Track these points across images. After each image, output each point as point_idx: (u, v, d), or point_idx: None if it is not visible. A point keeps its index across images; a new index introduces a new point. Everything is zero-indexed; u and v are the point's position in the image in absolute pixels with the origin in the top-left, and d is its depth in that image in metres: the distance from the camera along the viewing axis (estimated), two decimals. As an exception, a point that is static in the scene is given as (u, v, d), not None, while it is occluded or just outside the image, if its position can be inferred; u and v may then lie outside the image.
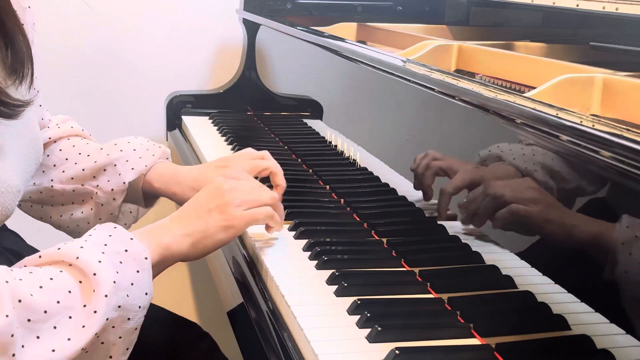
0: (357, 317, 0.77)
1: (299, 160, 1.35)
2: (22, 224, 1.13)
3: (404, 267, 0.91)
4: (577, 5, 1.03)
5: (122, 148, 1.09)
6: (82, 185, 1.07)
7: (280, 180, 1.08)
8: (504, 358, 0.70)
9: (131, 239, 0.79)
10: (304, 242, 0.97)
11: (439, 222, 0.97)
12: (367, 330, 0.74)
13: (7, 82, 0.85)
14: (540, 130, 0.73)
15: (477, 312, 0.78)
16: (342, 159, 1.30)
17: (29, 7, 0.98)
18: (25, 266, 0.75)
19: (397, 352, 0.69)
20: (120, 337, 0.75)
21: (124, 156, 1.08)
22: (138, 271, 0.77)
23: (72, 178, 1.07)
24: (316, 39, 1.35)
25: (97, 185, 1.07)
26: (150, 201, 1.13)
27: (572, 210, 0.73)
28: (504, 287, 0.82)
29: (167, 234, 0.84)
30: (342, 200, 1.14)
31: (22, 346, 0.68)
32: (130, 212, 1.14)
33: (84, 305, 0.72)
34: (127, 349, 0.77)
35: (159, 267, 0.83)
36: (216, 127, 1.63)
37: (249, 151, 1.12)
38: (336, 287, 0.84)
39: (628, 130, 0.64)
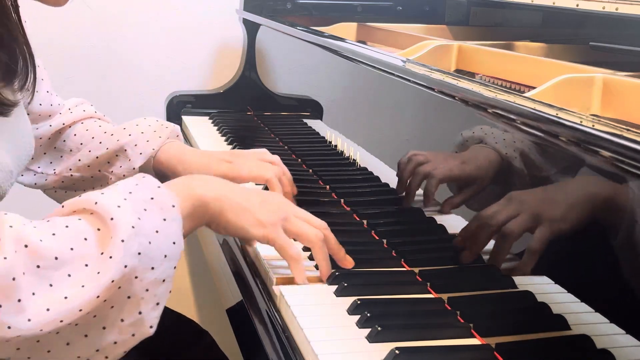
0: (357, 317, 0.77)
1: (299, 160, 1.35)
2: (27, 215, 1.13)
3: (404, 267, 0.91)
4: (577, 5, 1.03)
5: (130, 132, 1.10)
6: (99, 171, 1.11)
7: (286, 187, 1.07)
8: (504, 358, 0.70)
9: (159, 187, 0.76)
10: (304, 242, 0.97)
11: (438, 222, 0.97)
12: (367, 330, 0.74)
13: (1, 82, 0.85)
14: (540, 130, 0.73)
15: (477, 312, 0.78)
16: (342, 159, 1.30)
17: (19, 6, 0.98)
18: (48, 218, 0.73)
19: (397, 352, 0.69)
20: (147, 290, 0.71)
21: (133, 140, 1.09)
22: (165, 219, 0.73)
23: (89, 166, 1.11)
24: (316, 39, 1.35)
25: (112, 171, 1.10)
26: (164, 180, 1.14)
27: (571, 210, 0.73)
28: (504, 287, 0.82)
29: (205, 186, 0.81)
30: (342, 200, 1.14)
31: (33, 293, 0.66)
32: None
33: (101, 253, 0.69)
34: (158, 303, 0.73)
35: (193, 219, 0.80)
36: (216, 127, 1.63)
37: (262, 151, 1.11)
38: (336, 287, 0.84)
39: (628, 130, 0.64)
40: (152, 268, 0.71)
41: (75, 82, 1.93)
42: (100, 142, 1.11)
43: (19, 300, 0.65)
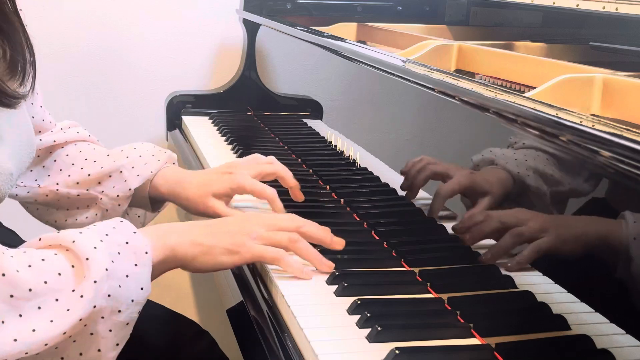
0: (357, 317, 0.77)
1: (299, 160, 1.35)
2: (17, 222, 1.13)
3: (404, 267, 0.91)
4: (577, 5, 1.03)
5: (128, 154, 1.09)
6: (87, 190, 1.08)
7: (289, 181, 1.09)
8: (504, 358, 0.70)
9: (134, 232, 0.78)
10: (304, 242, 0.97)
11: (439, 222, 0.97)
12: (367, 330, 0.74)
13: (6, 77, 0.86)
14: (540, 130, 0.73)
15: (477, 312, 0.78)
16: (342, 159, 1.30)
17: (21, 9, 0.99)
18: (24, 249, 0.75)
19: (397, 352, 0.69)
20: (110, 330, 0.74)
21: (130, 162, 1.08)
22: (136, 264, 0.76)
23: (78, 183, 1.08)
24: (316, 39, 1.35)
25: (102, 191, 1.08)
26: (157, 206, 1.14)
27: (571, 210, 0.73)
28: (504, 287, 0.82)
29: (176, 236, 0.84)
30: (342, 200, 1.14)
31: (2, 322, 0.68)
32: (138, 216, 1.15)
33: (73, 290, 0.71)
34: (117, 344, 0.75)
35: (161, 268, 0.83)
36: (216, 127, 1.63)
37: (255, 156, 1.12)
38: (336, 287, 0.84)
39: (628, 130, 0.64)
40: (119, 311, 0.74)
41: (76, 82, 1.93)
42: (95, 161, 1.09)
43: None
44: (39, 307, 0.69)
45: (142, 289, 0.76)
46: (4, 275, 0.68)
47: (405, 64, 1.06)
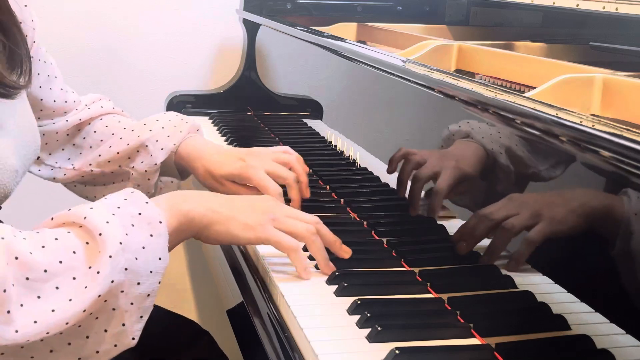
0: (357, 317, 0.77)
1: (299, 160, 1.35)
2: (18, 222, 1.13)
3: (404, 267, 0.91)
4: (577, 5, 1.03)
5: (151, 128, 1.12)
6: (120, 167, 1.12)
7: (293, 194, 1.05)
8: (504, 358, 0.70)
9: (146, 202, 0.77)
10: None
11: (438, 222, 0.97)
12: (367, 330, 0.74)
13: (6, 70, 0.87)
14: (540, 130, 0.73)
15: (477, 312, 0.78)
16: (342, 159, 1.30)
17: (26, 5, 0.99)
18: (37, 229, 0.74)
19: (397, 352, 0.69)
20: (132, 304, 0.73)
21: (154, 136, 1.10)
22: (151, 235, 0.75)
23: (109, 161, 1.12)
24: (316, 39, 1.35)
25: (133, 167, 1.11)
26: (185, 174, 1.16)
27: (571, 210, 0.73)
28: (504, 287, 0.82)
29: (191, 203, 0.83)
30: (342, 200, 1.14)
31: (21, 305, 0.67)
32: (172, 182, 1.17)
33: (89, 267, 0.70)
34: (142, 316, 0.74)
35: (178, 236, 0.81)
36: (216, 127, 1.63)
37: (280, 150, 1.10)
38: (336, 287, 0.84)
39: (628, 130, 0.64)
40: (138, 283, 0.73)
41: (76, 82, 1.92)
42: (121, 138, 1.12)
43: (8, 312, 0.66)
44: (57, 287, 0.69)
45: (160, 259, 0.75)
46: (17, 258, 0.67)
47: (405, 64, 1.06)
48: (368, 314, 0.76)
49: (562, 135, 0.70)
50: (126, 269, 0.72)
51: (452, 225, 0.95)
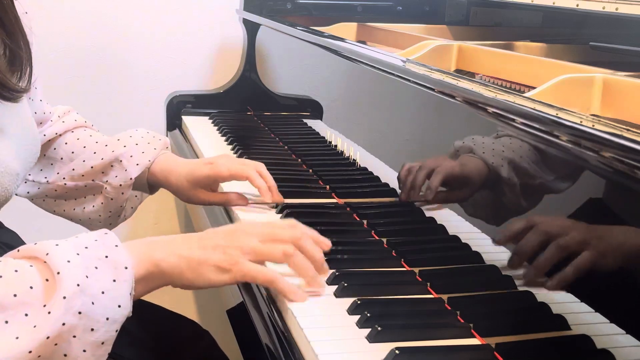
0: (357, 317, 0.77)
1: (299, 160, 1.35)
2: (19, 223, 1.13)
3: (404, 267, 0.91)
4: (577, 5, 1.03)
5: (125, 143, 1.13)
6: (93, 180, 1.13)
7: (268, 181, 1.09)
8: (504, 358, 0.70)
9: (116, 246, 0.74)
10: (304, 242, 0.97)
11: (438, 222, 0.97)
12: (367, 330, 0.74)
13: (7, 73, 0.87)
14: (540, 131, 0.73)
15: (477, 312, 0.78)
16: (342, 159, 1.30)
17: (26, 12, 1.00)
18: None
19: (397, 352, 0.69)
20: (84, 351, 0.69)
21: (128, 152, 1.12)
22: (115, 280, 0.71)
23: (83, 175, 1.13)
24: (316, 39, 1.35)
25: (106, 181, 1.12)
26: (154, 189, 1.19)
27: (571, 210, 0.73)
28: (504, 287, 0.82)
29: (162, 250, 0.78)
30: (342, 201, 1.14)
31: None
32: (136, 196, 1.19)
33: (44, 305, 0.67)
34: None
35: (146, 284, 0.77)
36: (216, 127, 1.63)
37: (243, 160, 1.16)
38: (336, 287, 0.84)
39: (628, 130, 0.64)
40: (92, 329, 0.69)
41: (76, 82, 1.93)
42: (95, 152, 1.13)
43: None
44: (6, 322, 0.66)
45: (119, 306, 0.71)
46: None
47: (405, 64, 1.06)
48: (368, 314, 0.76)
49: (562, 135, 0.70)
50: (80, 313, 0.68)
51: (451, 225, 0.95)
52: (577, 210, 0.72)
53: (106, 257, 0.72)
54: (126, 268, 0.72)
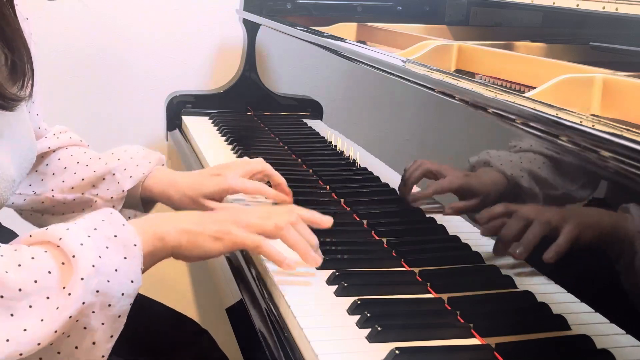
0: (357, 317, 0.77)
1: (299, 160, 1.35)
2: (18, 223, 1.13)
3: (404, 267, 0.91)
4: (577, 5, 1.03)
5: (119, 157, 1.11)
6: (83, 194, 1.10)
7: (276, 179, 1.12)
8: (504, 358, 0.70)
9: (123, 225, 0.78)
10: (303, 242, 0.97)
11: (438, 222, 0.97)
12: (367, 330, 0.74)
13: (8, 83, 0.86)
14: (540, 131, 0.73)
15: (477, 312, 0.78)
16: (342, 159, 1.30)
17: (27, 18, 1.00)
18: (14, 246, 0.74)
19: (397, 352, 0.69)
20: (102, 324, 0.74)
21: (122, 165, 1.10)
22: (125, 257, 0.76)
23: (73, 188, 1.10)
24: (316, 39, 1.35)
25: (97, 194, 1.09)
26: (148, 206, 1.16)
27: (571, 210, 0.73)
28: (504, 287, 0.82)
29: (165, 225, 0.84)
30: (342, 200, 1.14)
31: None
32: (129, 218, 1.14)
33: (63, 288, 0.71)
34: (112, 336, 0.75)
35: (152, 258, 0.82)
36: (216, 127, 1.63)
37: (244, 159, 1.16)
38: (336, 287, 0.84)
39: (628, 130, 0.64)
40: (109, 305, 0.74)
41: (76, 83, 1.93)
42: (87, 165, 1.10)
43: None
44: (30, 306, 0.69)
45: (132, 281, 0.76)
46: None
47: (405, 64, 1.06)
48: (368, 314, 0.76)
49: (562, 135, 0.70)
50: (98, 292, 0.73)
51: (451, 225, 0.95)
52: (576, 210, 0.72)
53: (115, 236, 0.76)
54: (135, 245, 0.77)
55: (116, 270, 0.75)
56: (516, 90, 0.94)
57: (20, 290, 0.69)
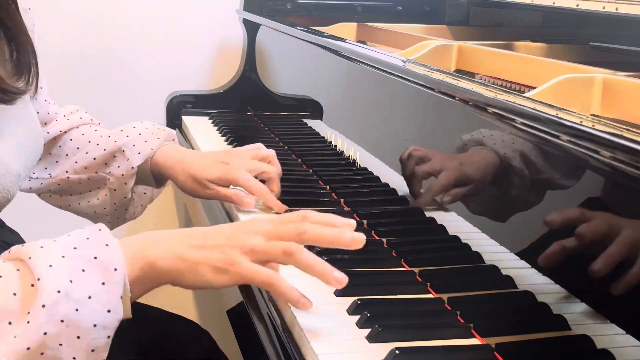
0: (357, 317, 0.77)
1: (299, 160, 1.35)
2: (20, 222, 1.13)
3: (404, 267, 0.91)
4: (577, 5, 1.03)
5: (128, 134, 1.12)
6: (96, 172, 1.12)
7: (274, 186, 1.08)
8: (504, 358, 0.70)
9: (107, 245, 0.69)
10: (303, 242, 0.97)
11: (439, 222, 0.97)
12: (367, 330, 0.74)
13: (12, 78, 0.87)
14: (540, 131, 0.73)
15: (477, 312, 0.78)
16: (342, 159, 1.30)
17: (29, 8, 0.99)
18: None
19: (397, 352, 0.69)
20: (74, 358, 0.65)
21: (131, 141, 1.11)
22: (103, 283, 0.67)
23: (86, 167, 1.12)
24: (316, 39, 1.35)
25: (109, 172, 1.12)
26: (161, 182, 1.16)
27: (571, 210, 0.73)
28: (504, 287, 0.82)
29: (158, 249, 0.73)
30: (342, 200, 1.14)
31: None
32: (145, 192, 1.18)
33: (28, 313, 0.63)
34: None
35: (143, 284, 0.72)
36: (216, 127, 1.63)
37: (255, 147, 1.12)
38: (336, 287, 0.84)
39: (628, 130, 0.64)
40: (78, 337, 0.65)
41: (76, 82, 1.93)
42: (98, 144, 1.13)
43: None
44: None
45: (108, 311, 0.66)
46: None
47: (405, 64, 1.06)
48: (368, 314, 0.76)
49: (562, 135, 0.70)
50: (62, 321, 0.64)
51: (451, 225, 0.95)
52: (576, 210, 0.72)
53: (95, 257, 0.68)
54: (115, 270, 0.67)
55: (90, 297, 0.65)
56: (516, 90, 0.94)
57: None
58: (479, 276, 0.86)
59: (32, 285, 0.65)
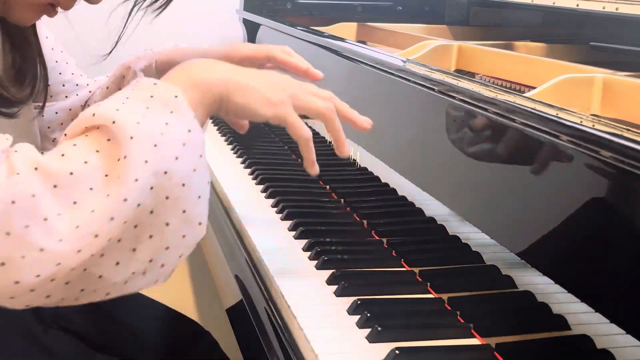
0: (357, 317, 0.77)
1: (299, 160, 1.35)
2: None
3: (404, 267, 0.91)
4: (577, 5, 1.03)
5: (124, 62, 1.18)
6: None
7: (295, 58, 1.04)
8: (504, 358, 0.70)
9: (155, 84, 0.70)
10: (304, 242, 0.97)
11: (439, 222, 0.97)
12: (367, 330, 0.74)
13: (11, 86, 0.86)
14: (540, 130, 0.73)
15: (477, 312, 0.78)
16: (342, 159, 1.30)
17: (47, 37, 1.01)
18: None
19: (397, 352, 0.69)
20: (183, 185, 0.65)
21: (132, 61, 1.18)
22: (172, 112, 0.67)
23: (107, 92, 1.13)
24: (316, 39, 1.35)
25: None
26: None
27: (571, 209, 0.73)
28: (504, 287, 0.82)
29: (206, 70, 0.76)
30: (342, 200, 1.14)
31: (59, 214, 0.60)
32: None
33: (118, 160, 0.63)
34: (200, 197, 0.67)
35: (205, 107, 0.74)
36: (216, 127, 1.63)
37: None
38: (336, 287, 0.84)
39: (628, 130, 0.64)
40: (176, 158, 0.65)
41: (75, 82, 1.93)
42: (107, 76, 1.16)
43: (45, 219, 0.59)
44: (91, 188, 0.62)
45: (189, 131, 0.68)
46: (36, 169, 0.61)
47: (405, 64, 1.06)
48: (368, 314, 0.76)
49: (562, 135, 0.70)
50: (155, 145, 0.64)
51: (451, 224, 0.95)
52: (576, 210, 0.72)
53: (151, 97, 0.68)
54: (176, 97, 0.69)
55: (166, 123, 0.66)
56: (516, 90, 0.94)
57: (71, 174, 0.62)
58: (479, 276, 0.86)
59: (108, 140, 0.64)
